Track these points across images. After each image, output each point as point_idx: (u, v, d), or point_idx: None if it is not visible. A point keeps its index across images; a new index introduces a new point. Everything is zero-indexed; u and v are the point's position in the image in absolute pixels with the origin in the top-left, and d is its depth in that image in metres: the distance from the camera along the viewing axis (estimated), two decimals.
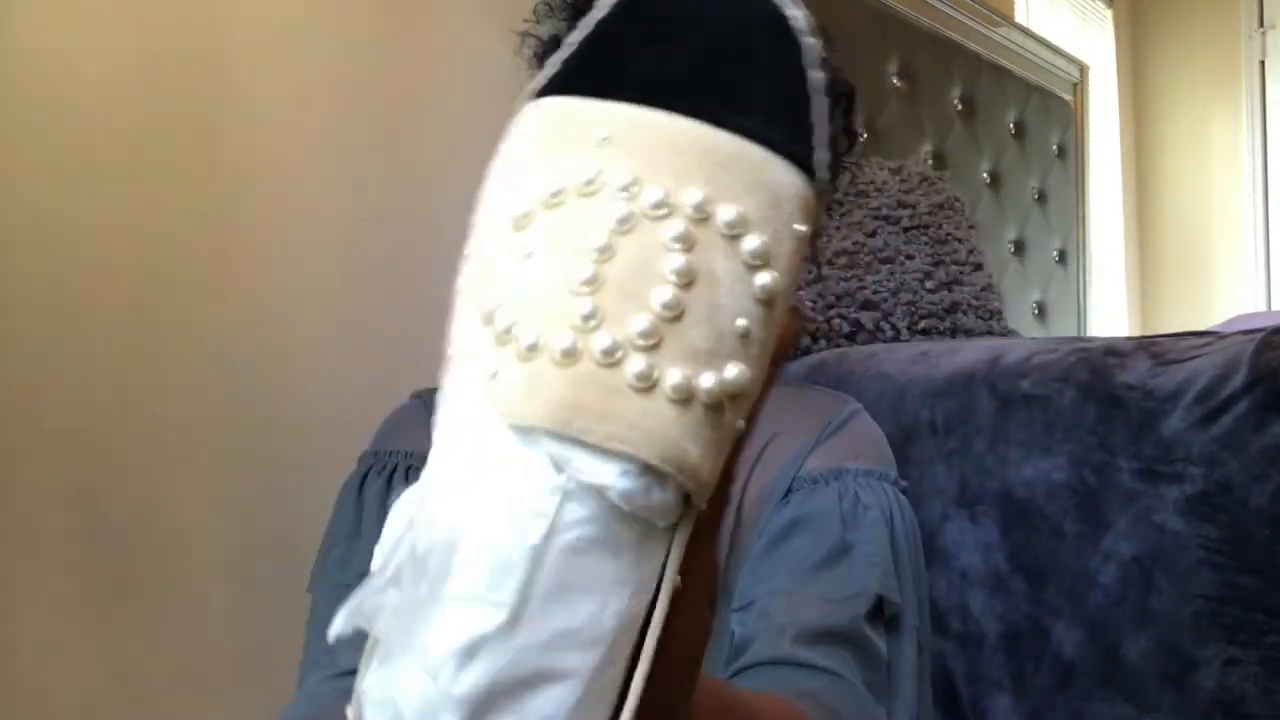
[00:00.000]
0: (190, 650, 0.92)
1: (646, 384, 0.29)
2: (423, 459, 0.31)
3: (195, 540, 0.93)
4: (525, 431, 0.29)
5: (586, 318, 0.29)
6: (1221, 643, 0.71)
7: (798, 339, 0.94)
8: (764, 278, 0.31)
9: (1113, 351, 0.82)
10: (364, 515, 0.72)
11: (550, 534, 0.28)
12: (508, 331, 0.30)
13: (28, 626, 0.83)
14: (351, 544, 0.72)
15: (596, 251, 0.30)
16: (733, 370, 0.30)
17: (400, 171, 1.12)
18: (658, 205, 0.30)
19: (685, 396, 0.29)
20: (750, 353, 0.31)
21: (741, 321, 0.31)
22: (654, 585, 0.30)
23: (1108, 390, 0.79)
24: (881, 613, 0.67)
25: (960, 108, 2.07)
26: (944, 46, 2.03)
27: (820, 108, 0.33)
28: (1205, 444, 0.72)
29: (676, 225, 0.30)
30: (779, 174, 0.32)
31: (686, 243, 0.30)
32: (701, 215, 0.30)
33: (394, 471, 0.73)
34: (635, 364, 0.29)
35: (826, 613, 0.64)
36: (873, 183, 1.29)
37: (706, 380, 0.30)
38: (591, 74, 0.33)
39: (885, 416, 0.92)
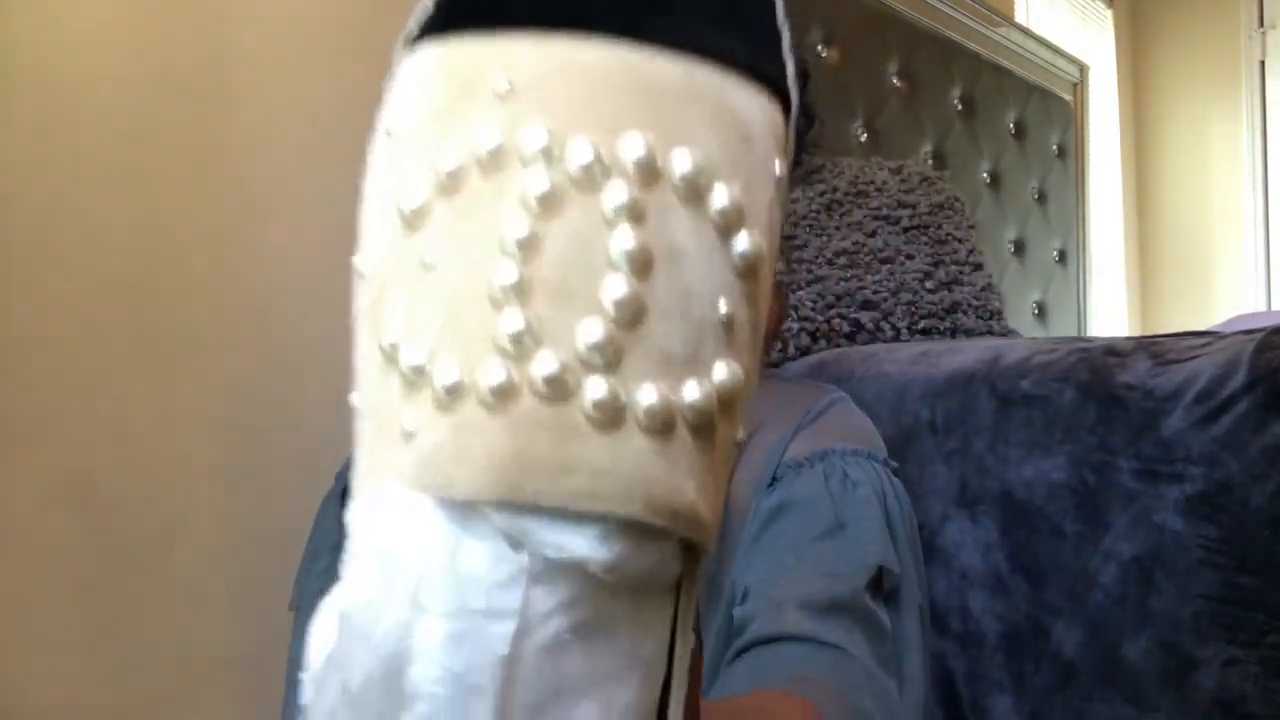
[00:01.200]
0: (190, 650, 0.92)
1: (611, 414, 0.22)
2: None
3: (195, 540, 0.93)
4: (463, 507, 0.22)
5: (518, 338, 0.22)
6: (1221, 643, 0.71)
7: (783, 320, 0.90)
8: (743, 242, 0.24)
9: (1113, 351, 0.82)
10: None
11: (520, 635, 0.22)
12: (418, 372, 0.23)
13: (27, 626, 0.83)
14: (337, 555, 0.70)
15: (517, 246, 0.22)
16: (722, 371, 0.24)
17: None
18: (588, 168, 0.23)
19: (665, 421, 0.23)
20: (739, 342, 0.24)
21: (723, 304, 0.24)
22: (665, 659, 0.24)
23: (1108, 390, 0.79)
24: (881, 586, 0.65)
25: (960, 108, 2.07)
26: (944, 46, 2.03)
27: (782, 7, 0.26)
28: (1205, 444, 0.72)
29: (618, 191, 0.23)
30: (744, 100, 0.24)
31: (634, 213, 0.23)
32: (649, 172, 0.23)
33: None
34: (593, 390, 0.22)
35: (827, 585, 0.61)
36: (873, 183, 1.29)
37: (690, 393, 0.23)
38: (475, 2, 0.25)
39: (885, 416, 0.92)
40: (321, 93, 1.05)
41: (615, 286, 0.22)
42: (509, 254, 0.22)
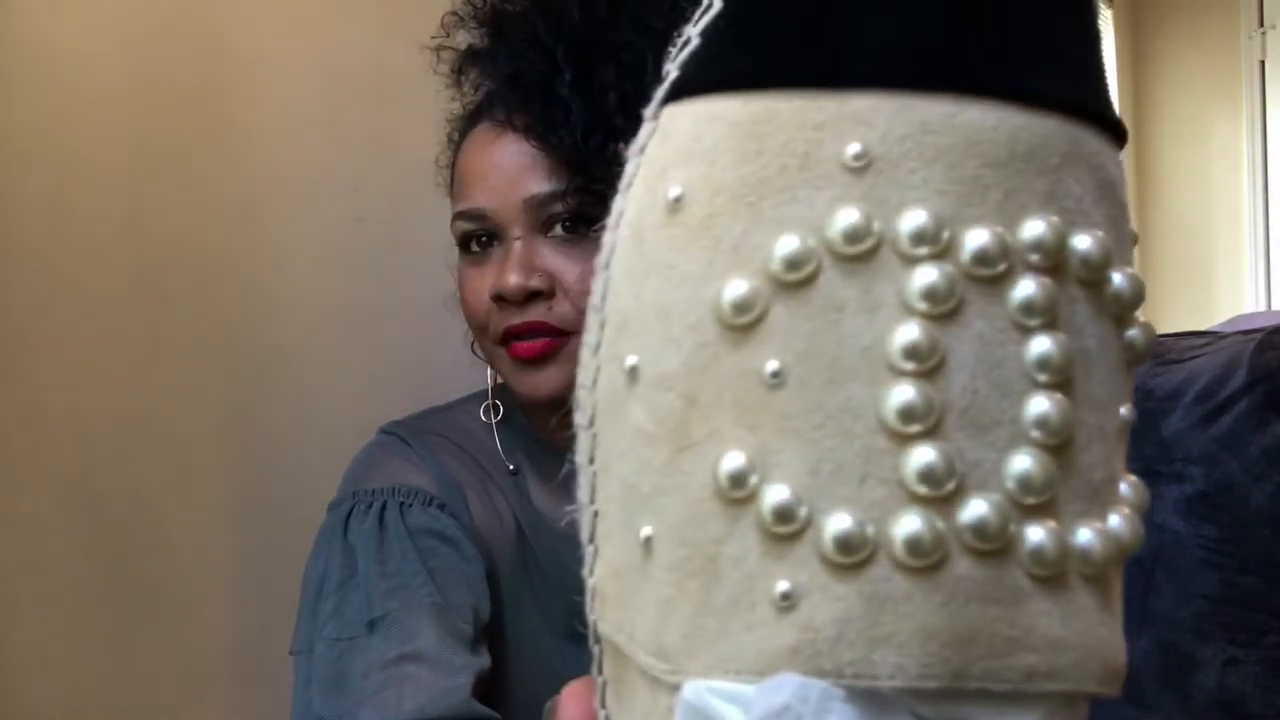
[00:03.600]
0: (190, 650, 0.92)
1: (1053, 569, 0.18)
2: (411, 492, 0.20)
3: (195, 540, 0.93)
4: (881, 696, 0.17)
5: (933, 478, 0.17)
6: (1221, 643, 0.71)
7: None
8: (1134, 329, 0.20)
9: None
10: (358, 558, 0.67)
11: None
12: (786, 517, 0.18)
13: (27, 626, 0.83)
14: (346, 591, 0.67)
15: (906, 357, 0.18)
16: (1134, 492, 0.20)
17: (400, 172, 1.12)
18: (984, 258, 0.18)
19: (1101, 565, 0.19)
20: (1125, 451, 0.20)
21: (1122, 410, 0.20)
22: None
23: None
24: None
25: None
26: None
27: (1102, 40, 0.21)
28: (1205, 444, 0.72)
29: (1026, 286, 0.18)
30: (1110, 158, 0.20)
31: (1048, 312, 0.18)
32: (1052, 259, 0.18)
33: (383, 509, 0.68)
34: (1034, 539, 0.18)
35: None
36: None
37: (1116, 525, 0.19)
38: (798, 43, 0.19)
39: None
40: (321, 91, 1.05)
41: (1038, 406, 0.18)
42: (899, 369, 0.18)
